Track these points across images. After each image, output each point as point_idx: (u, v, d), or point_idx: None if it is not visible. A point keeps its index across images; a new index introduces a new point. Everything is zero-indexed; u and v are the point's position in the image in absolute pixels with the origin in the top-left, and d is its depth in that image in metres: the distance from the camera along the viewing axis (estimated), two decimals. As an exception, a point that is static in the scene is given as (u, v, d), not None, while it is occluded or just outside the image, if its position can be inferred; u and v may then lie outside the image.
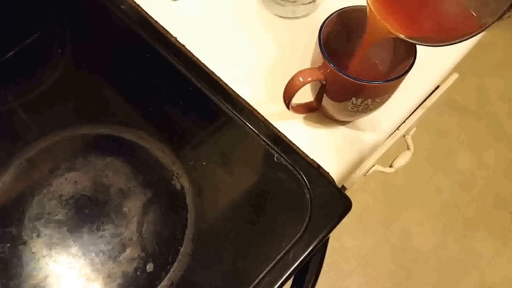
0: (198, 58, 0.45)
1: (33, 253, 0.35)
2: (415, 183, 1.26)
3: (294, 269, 0.36)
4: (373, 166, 0.48)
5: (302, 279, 0.40)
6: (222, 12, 0.49)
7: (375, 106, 0.38)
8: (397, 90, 0.37)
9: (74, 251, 0.36)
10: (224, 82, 0.44)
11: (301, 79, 0.35)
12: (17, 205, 0.37)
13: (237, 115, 0.42)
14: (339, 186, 0.41)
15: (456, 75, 0.54)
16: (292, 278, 0.38)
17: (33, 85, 0.44)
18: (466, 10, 0.30)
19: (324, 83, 0.37)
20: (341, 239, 1.16)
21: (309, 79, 0.36)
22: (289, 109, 0.39)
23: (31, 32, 0.46)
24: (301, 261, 0.36)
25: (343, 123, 0.43)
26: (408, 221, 1.20)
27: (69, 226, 0.36)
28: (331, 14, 0.36)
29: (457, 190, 1.25)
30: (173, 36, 0.46)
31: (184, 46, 0.45)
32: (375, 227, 1.19)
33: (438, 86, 0.51)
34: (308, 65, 0.39)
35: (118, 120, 0.42)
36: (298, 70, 0.36)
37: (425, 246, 1.17)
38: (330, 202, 0.38)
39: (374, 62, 0.40)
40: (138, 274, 0.35)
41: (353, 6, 0.37)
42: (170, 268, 0.35)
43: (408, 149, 0.57)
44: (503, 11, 0.26)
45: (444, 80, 0.51)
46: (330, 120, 0.43)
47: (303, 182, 0.39)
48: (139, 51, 0.46)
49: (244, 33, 0.48)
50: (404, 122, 0.48)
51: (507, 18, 1.45)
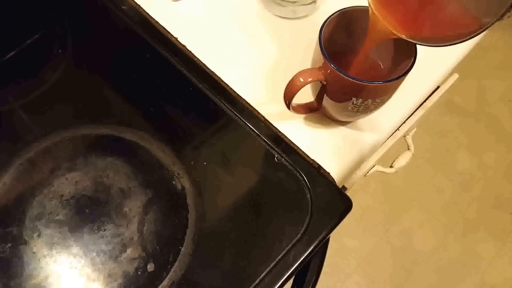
0: (198, 58, 0.45)
1: (34, 253, 0.35)
2: (415, 184, 1.26)
3: (295, 269, 0.36)
4: (373, 167, 0.49)
5: (303, 280, 0.40)
6: (222, 12, 0.49)
7: (376, 106, 0.38)
8: (397, 90, 0.37)
9: (75, 251, 0.36)
10: (224, 82, 0.44)
11: (301, 80, 0.36)
12: (18, 205, 0.37)
13: (237, 116, 0.42)
14: (340, 186, 0.41)
15: (456, 76, 0.54)
16: (292, 278, 0.38)
17: (33, 85, 0.44)
18: (467, 10, 0.30)
19: (324, 84, 0.37)
20: (341, 240, 1.16)
21: (309, 80, 0.36)
22: (289, 109, 0.39)
23: (32, 32, 0.46)
24: (301, 261, 0.36)
25: (344, 124, 0.43)
26: (408, 221, 1.20)
27: (70, 226, 0.36)
28: (332, 15, 0.37)
29: (457, 190, 1.25)
30: (173, 36, 0.46)
31: (184, 46, 0.45)
32: (375, 228, 1.19)
33: (438, 87, 0.51)
34: (308, 65, 0.39)
35: (118, 120, 0.42)
36: (299, 71, 0.36)
37: (425, 247, 1.17)
38: (330, 202, 0.38)
39: (374, 63, 0.40)
40: (139, 274, 0.35)
41: (353, 7, 0.37)
42: (171, 268, 0.35)
43: (408, 149, 0.57)
44: (504, 11, 0.27)
45: (444, 80, 0.51)
46: (330, 120, 0.43)
47: (304, 182, 0.39)
48: (140, 52, 0.46)
49: (244, 33, 0.48)
50: (404, 122, 0.48)
51: (507, 19, 1.45)
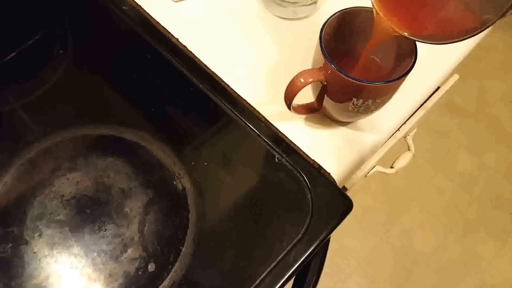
0: (199, 59, 0.45)
1: (34, 253, 0.36)
2: (416, 184, 1.26)
3: (295, 269, 0.36)
4: (374, 167, 0.49)
5: (303, 280, 0.40)
6: (223, 13, 0.49)
7: (376, 107, 0.38)
8: (397, 91, 0.37)
9: (75, 251, 0.36)
10: (225, 82, 0.44)
11: (302, 80, 0.36)
12: (18, 205, 0.37)
13: (238, 116, 0.42)
14: (340, 187, 0.41)
15: (456, 77, 0.54)
16: (293, 278, 0.38)
17: (34, 85, 0.44)
18: (469, 8, 0.30)
19: (325, 84, 0.37)
20: (341, 240, 1.16)
21: (310, 80, 0.36)
22: (290, 109, 0.39)
23: (33, 33, 0.47)
24: (302, 261, 0.36)
25: (344, 124, 0.43)
26: (408, 222, 1.20)
27: (70, 226, 0.37)
28: (332, 15, 0.37)
29: (457, 191, 1.25)
30: (174, 37, 0.46)
31: (185, 47, 0.45)
32: (376, 228, 1.19)
33: (438, 87, 0.51)
34: (309, 66, 0.39)
35: (119, 120, 0.42)
36: (299, 71, 0.36)
37: (425, 247, 1.17)
38: (331, 202, 0.38)
39: (374, 63, 0.40)
40: (140, 274, 0.35)
41: (353, 7, 0.37)
42: (172, 268, 0.35)
43: (408, 150, 0.57)
44: (506, 9, 0.26)
45: (444, 81, 0.51)
46: (331, 120, 0.43)
47: (304, 183, 0.39)
48: (141, 52, 0.46)
49: (245, 34, 0.48)
50: (404, 123, 0.48)
51: (508, 19, 1.45)
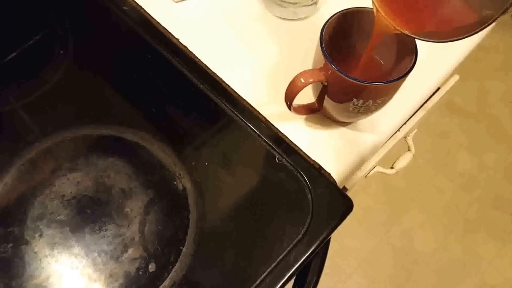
0: (200, 59, 0.45)
1: (35, 253, 0.36)
2: (416, 185, 1.26)
3: (296, 269, 0.36)
4: (374, 167, 0.49)
5: (304, 280, 0.40)
6: (223, 14, 0.49)
7: (376, 107, 0.38)
8: (398, 91, 0.37)
9: (76, 251, 0.36)
10: (225, 83, 0.44)
11: (302, 80, 0.36)
12: (19, 205, 0.37)
13: (238, 116, 0.42)
14: (340, 187, 0.41)
15: (457, 77, 0.54)
16: (293, 279, 0.38)
17: (35, 85, 0.44)
18: (469, 5, 0.30)
19: (325, 84, 0.37)
20: (342, 241, 1.16)
21: (310, 80, 0.36)
22: (290, 110, 0.39)
23: (33, 33, 0.47)
24: (302, 261, 0.36)
25: (344, 124, 0.43)
26: (409, 222, 1.20)
27: (71, 226, 0.37)
28: (332, 16, 0.37)
29: (457, 191, 1.25)
30: (175, 37, 0.46)
31: (186, 47, 0.45)
32: (376, 229, 1.19)
33: (439, 88, 0.51)
34: (309, 66, 0.39)
35: (120, 120, 0.42)
36: (300, 71, 0.36)
37: (425, 248, 1.17)
38: (331, 203, 0.38)
39: (375, 64, 0.40)
40: (140, 274, 0.35)
41: (354, 8, 0.37)
42: (172, 268, 0.35)
43: (409, 150, 0.57)
44: (507, 6, 0.26)
45: (445, 82, 0.51)
46: (331, 121, 0.43)
47: (305, 183, 0.39)
48: (141, 52, 0.46)
49: (245, 34, 0.48)
50: (405, 123, 0.48)
51: (508, 20, 1.45)
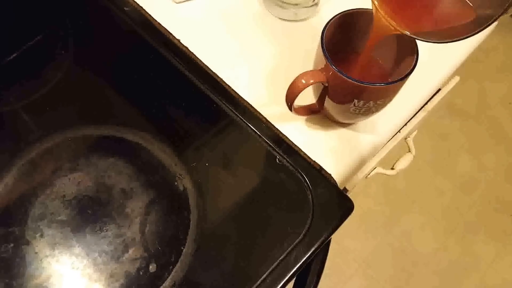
0: (200, 60, 0.45)
1: (36, 253, 0.36)
2: (416, 186, 1.26)
3: (296, 270, 0.36)
4: (374, 169, 0.49)
5: (304, 281, 0.40)
6: (224, 14, 0.49)
7: (377, 108, 0.38)
8: (398, 93, 0.38)
9: (77, 251, 0.36)
10: (226, 83, 0.44)
11: (303, 81, 0.36)
12: (20, 205, 0.37)
13: (239, 117, 0.42)
14: (341, 188, 0.41)
15: (457, 78, 0.54)
16: (293, 279, 0.38)
17: (36, 86, 0.44)
18: (470, 5, 0.30)
19: (326, 85, 0.37)
20: (342, 242, 1.16)
21: (311, 81, 0.36)
22: (291, 111, 0.39)
23: (34, 33, 0.47)
24: (303, 262, 0.36)
25: (345, 125, 0.43)
26: (409, 224, 1.20)
27: (72, 226, 0.37)
28: (333, 17, 0.37)
29: (458, 193, 1.25)
30: (176, 38, 0.46)
31: (187, 48, 0.46)
32: (376, 230, 1.19)
33: (439, 89, 0.51)
34: (310, 67, 0.39)
35: (120, 121, 0.42)
36: (301, 72, 0.36)
37: (426, 249, 1.17)
38: (332, 203, 0.38)
39: (375, 65, 0.41)
40: (141, 274, 0.35)
41: (355, 9, 0.37)
42: (173, 268, 0.35)
43: (409, 151, 0.57)
44: (507, 5, 0.26)
45: (445, 83, 0.51)
46: (332, 122, 0.43)
47: (305, 184, 0.39)
48: (142, 53, 0.46)
49: (246, 35, 0.48)
50: (405, 125, 0.48)
51: (508, 21, 1.45)
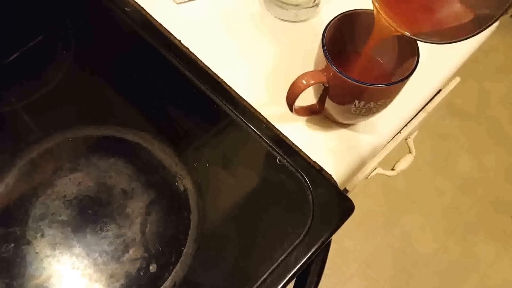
0: (201, 60, 0.45)
1: (36, 253, 0.36)
2: (416, 186, 1.26)
3: (296, 271, 0.36)
4: (375, 169, 0.49)
5: (304, 281, 0.40)
6: (225, 15, 0.49)
7: (378, 109, 0.38)
8: (399, 93, 0.38)
9: (77, 251, 0.36)
10: (227, 84, 0.44)
11: (304, 82, 0.36)
12: (21, 205, 0.37)
13: (239, 117, 0.42)
14: (341, 189, 0.41)
15: (458, 79, 0.54)
16: (294, 280, 0.38)
17: (37, 86, 0.44)
18: (470, 5, 0.30)
19: (327, 86, 0.37)
20: (342, 242, 1.16)
21: (312, 82, 0.36)
22: (292, 111, 0.39)
23: (36, 34, 0.47)
24: (303, 263, 0.36)
25: (346, 126, 0.43)
26: (409, 224, 1.20)
27: (72, 227, 0.37)
28: (334, 18, 0.37)
29: (458, 193, 1.25)
30: (176, 38, 0.46)
31: (187, 48, 0.46)
32: (376, 230, 1.19)
33: (440, 90, 0.52)
34: (310, 68, 0.39)
35: (121, 121, 0.42)
36: (301, 73, 0.36)
37: (426, 250, 1.17)
38: (332, 204, 0.38)
39: (376, 66, 0.41)
40: (141, 274, 0.35)
41: (355, 10, 0.37)
42: (173, 268, 0.35)
43: (409, 152, 0.57)
44: (507, 6, 0.26)
45: (446, 84, 0.51)
46: (332, 122, 0.43)
47: (305, 184, 0.39)
48: (143, 53, 0.46)
49: (247, 36, 0.48)
50: (406, 125, 0.48)
51: (508, 22, 1.45)
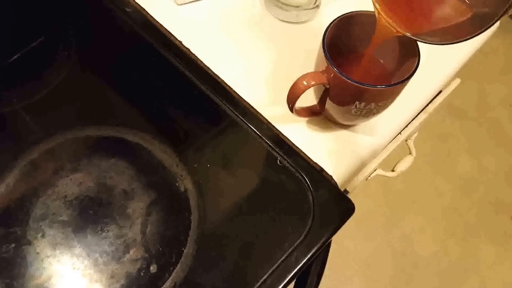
0: (202, 61, 0.45)
1: (37, 253, 0.36)
2: (416, 187, 1.26)
3: (297, 271, 0.36)
4: (375, 170, 0.49)
5: (304, 282, 0.40)
6: (226, 16, 0.49)
7: (378, 110, 0.38)
8: (400, 95, 0.38)
9: (78, 252, 0.36)
10: (227, 85, 0.44)
11: (304, 83, 0.36)
12: (21, 205, 0.37)
13: (240, 118, 0.42)
14: (342, 190, 0.41)
15: (458, 81, 0.54)
16: (294, 280, 0.38)
17: (38, 87, 0.44)
18: (470, 6, 0.30)
19: (327, 87, 0.37)
20: (342, 243, 1.16)
21: (312, 83, 0.36)
22: (292, 112, 0.39)
23: (37, 34, 0.47)
24: (303, 263, 0.36)
25: (346, 127, 0.43)
26: (409, 225, 1.20)
27: (73, 227, 0.37)
28: (335, 19, 0.37)
29: (458, 194, 1.25)
30: (177, 39, 0.46)
31: (188, 49, 0.46)
32: (376, 231, 1.19)
33: (440, 91, 0.52)
34: (311, 69, 0.39)
35: (122, 121, 0.42)
36: (302, 74, 0.36)
37: (426, 251, 1.17)
38: (332, 205, 0.38)
39: (377, 67, 0.41)
40: (142, 275, 0.35)
41: (356, 11, 0.37)
42: (173, 269, 0.35)
43: (410, 153, 0.58)
44: (508, 5, 0.26)
45: (446, 85, 0.51)
46: (333, 123, 0.43)
47: (306, 185, 0.39)
48: (144, 54, 0.46)
49: (248, 37, 0.48)
50: (406, 126, 0.48)
51: (508, 23, 1.45)
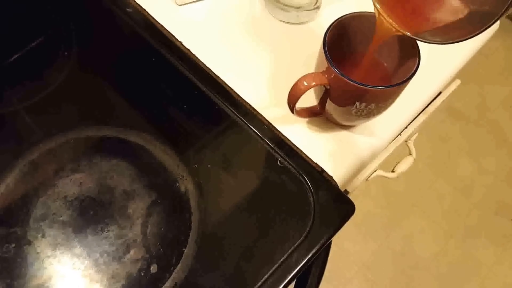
0: (202, 62, 0.45)
1: (37, 253, 0.36)
2: (416, 189, 1.26)
3: (297, 272, 0.36)
4: (375, 171, 0.49)
5: (304, 283, 0.40)
6: (227, 17, 0.49)
7: (379, 111, 0.38)
8: (400, 96, 0.38)
9: (78, 252, 0.36)
10: (228, 85, 0.44)
11: (305, 83, 0.36)
12: (22, 206, 0.37)
13: (241, 119, 0.42)
14: (342, 190, 0.41)
15: (458, 82, 0.54)
16: (294, 281, 0.38)
17: (38, 87, 0.44)
18: (470, 5, 0.30)
19: (328, 88, 0.37)
20: (342, 245, 1.16)
21: (313, 84, 0.36)
22: (293, 113, 0.39)
23: (37, 35, 0.47)
24: (303, 264, 0.36)
25: (347, 128, 0.43)
26: (409, 227, 1.20)
27: (73, 227, 0.37)
28: (335, 20, 0.37)
29: (458, 196, 1.25)
30: (178, 40, 0.46)
31: (189, 50, 0.46)
32: (376, 233, 1.19)
33: (440, 92, 0.52)
34: (312, 69, 0.39)
35: (123, 122, 0.42)
36: (302, 75, 0.36)
37: (426, 253, 1.17)
38: (333, 205, 0.38)
39: (377, 68, 0.41)
40: (142, 275, 0.35)
41: (356, 12, 0.37)
42: (174, 269, 0.35)
43: (410, 154, 0.58)
44: (507, 7, 0.26)
45: (446, 86, 0.52)
46: (333, 124, 0.43)
47: (306, 186, 0.39)
48: (144, 55, 0.46)
49: (248, 38, 0.48)
50: (406, 127, 0.48)
51: (508, 24, 1.46)
